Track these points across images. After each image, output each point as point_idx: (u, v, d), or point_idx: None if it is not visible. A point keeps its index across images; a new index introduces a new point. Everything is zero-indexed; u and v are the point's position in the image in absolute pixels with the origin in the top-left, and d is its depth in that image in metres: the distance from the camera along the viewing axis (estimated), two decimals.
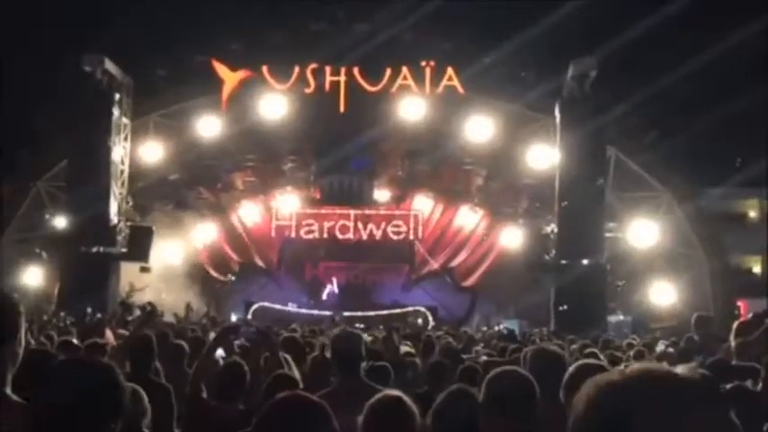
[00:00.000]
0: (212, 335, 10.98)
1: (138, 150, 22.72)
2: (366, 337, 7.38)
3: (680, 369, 1.34)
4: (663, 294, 21.36)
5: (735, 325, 6.40)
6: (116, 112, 21.63)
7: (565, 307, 20.47)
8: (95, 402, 2.17)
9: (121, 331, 11.44)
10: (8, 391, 2.47)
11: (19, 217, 22.93)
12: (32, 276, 22.04)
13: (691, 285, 21.30)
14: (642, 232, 21.27)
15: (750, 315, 7.63)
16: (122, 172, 22.42)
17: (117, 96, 21.65)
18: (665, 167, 22.10)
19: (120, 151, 22.14)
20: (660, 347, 11.35)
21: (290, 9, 23.07)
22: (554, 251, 20.90)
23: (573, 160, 20.24)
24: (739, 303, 22.05)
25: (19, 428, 2.27)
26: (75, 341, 6.30)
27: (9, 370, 2.49)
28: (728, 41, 19.71)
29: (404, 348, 8.83)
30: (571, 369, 4.19)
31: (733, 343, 6.20)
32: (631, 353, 9.22)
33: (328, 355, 6.17)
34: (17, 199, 23.14)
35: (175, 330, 11.57)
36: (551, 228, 21.35)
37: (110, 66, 20.98)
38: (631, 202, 21.98)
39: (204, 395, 4.88)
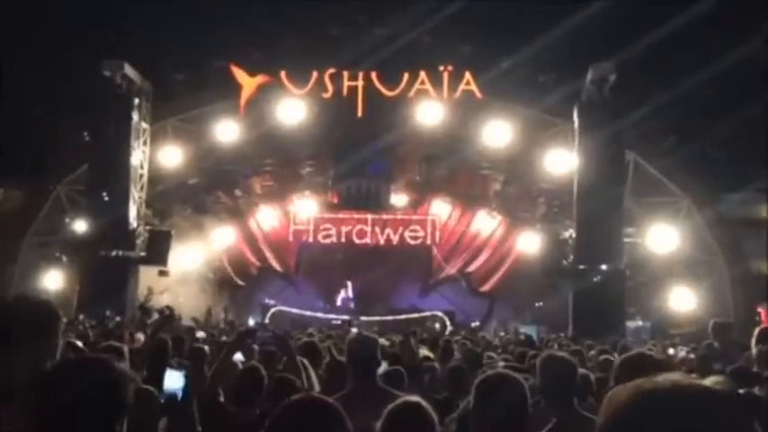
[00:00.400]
0: (224, 338, 11.02)
1: (156, 154, 22.86)
2: (383, 342, 7.37)
3: (709, 381, 1.34)
4: (682, 300, 21.20)
5: (756, 331, 6.32)
6: (135, 116, 21.78)
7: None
8: (95, 402, 2.15)
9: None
10: None
11: (39, 220, 23.12)
12: (52, 280, 22.19)
13: (711, 291, 21.13)
14: (661, 237, 21.13)
15: None
16: (141, 176, 22.56)
17: (136, 101, 21.80)
18: (685, 172, 21.95)
19: (139, 155, 22.29)
20: (681, 354, 11.26)
21: (309, 13, 23.12)
22: (572, 256, 20.79)
23: (591, 165, 20.15)
24: (760, 309, 21.84)
25: (20, 429, 2.27)
26: (79, 343, 6.32)
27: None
28: (749, 45, 19.57)
29: (422, 352, 8.79)
30: (620, 359, 4.20)
31: (754, 350, 6.12)
32: None
33: (341, 358, 6.18)
34: (37, 203, 23.34)
35: (192, 334, 11.63)
36: (569, 233, 21.26)
37: (129, 70, 21.14)
38: (650, 207, 21.84)
39: (221, 399, 4.88)
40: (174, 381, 3.31)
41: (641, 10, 20.90)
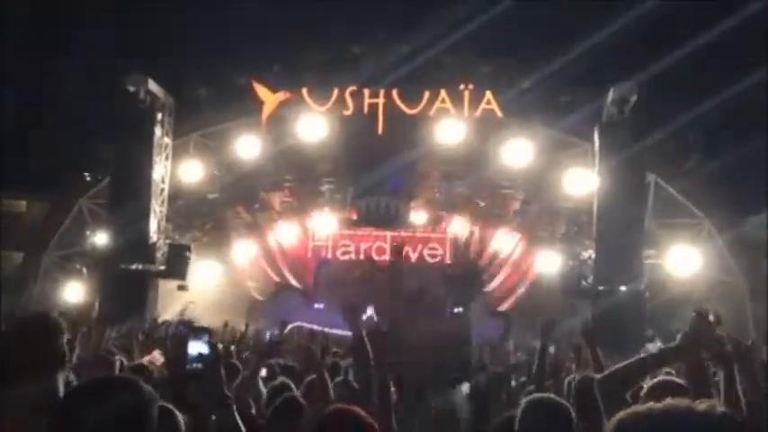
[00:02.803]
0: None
1: (178, 169, 23.01)
2: None
3: (702, 405, 1.39)
4: None
5: None
6: (158, 131, 21.95)
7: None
8: (120, 424, 2.10)
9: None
10: None
11: (61, 233, 23.33)
12: (73, 292, 22.35)
13: (731, 314, 20.90)
14: (682, 259, 20.98)
15: None
16: (162, 190, 22.71)
17: (159, 116, 21.98)
18: (706, 194, 21.84)
19: (160, 170, 22.44)
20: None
21: (331, 31, 23.32)
22: (591, 277, 20.68)
23: (611, 185, 20.08)
24: None
25: None
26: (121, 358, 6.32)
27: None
28: None
29: None
30: (648, 385, 4.22)
31: None
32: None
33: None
34: (59, 215, 23.58)
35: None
36: (589, 253, 21.15)
37: (153, 86, 21.32)
38: (671, 229, 21.72)
39: (253, 411, 4.90)
40: (197, 349, 3.36)
41: (662, 29, 20.90)
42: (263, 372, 6.41)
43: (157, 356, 10.16)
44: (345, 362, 9.60)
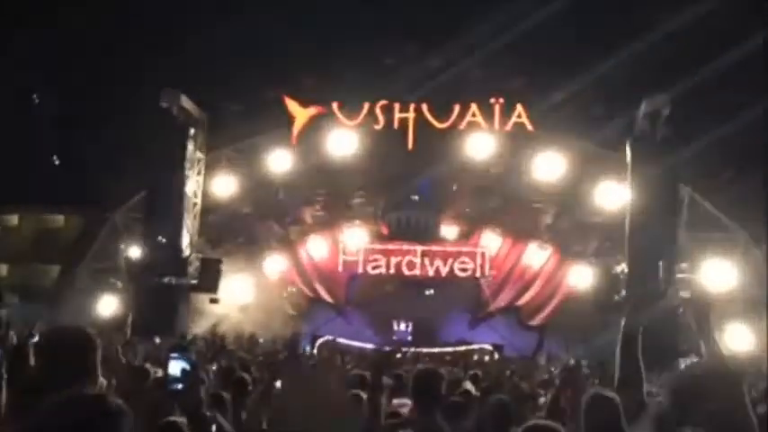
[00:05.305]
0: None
1: (210, 183, 23.22)
2: None
3: None
4: (739, 338, 20.62)
5: None
6: (191, 146, 22.19)
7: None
8: None
9: None
10: None
11: (96, 247, 23.62)
12: (107, 306, 22.54)
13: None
14: (717, 274, 20.64)
15: None
16: (195, 205, 22.91)
17: (192, 131, 22.23)
18: (742, 207, 21.50)
19: (193, 185, 22.66)
20: None
21: (362, 44, 23.40)
22: (624, 291, 20.44)
23: (644, 199, 19.87)
24: None
25: None
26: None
27: None
28: None
29: (466, 386, 8.65)
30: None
31: None
32: None
33: None
34: (95, 229, 23.90)
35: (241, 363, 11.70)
36: (622, 267, 20.93)
37: (185, 102, 21.59)
38: (705, 243, 21.39)
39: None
40: (176, 368, 3.36)
41: (695, 42, 20.69)
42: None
43: None
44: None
